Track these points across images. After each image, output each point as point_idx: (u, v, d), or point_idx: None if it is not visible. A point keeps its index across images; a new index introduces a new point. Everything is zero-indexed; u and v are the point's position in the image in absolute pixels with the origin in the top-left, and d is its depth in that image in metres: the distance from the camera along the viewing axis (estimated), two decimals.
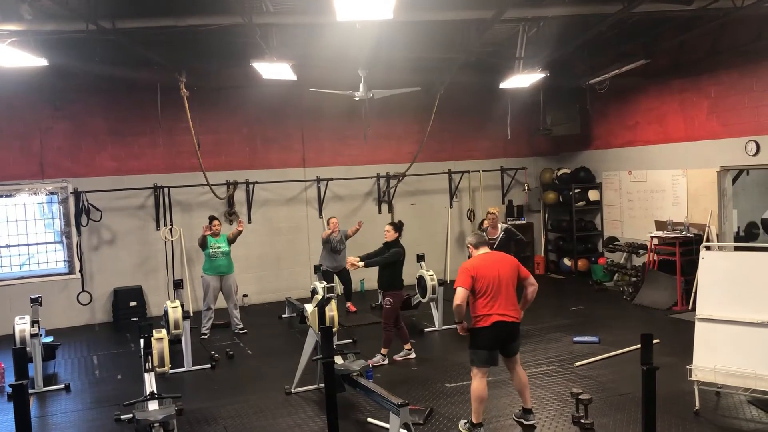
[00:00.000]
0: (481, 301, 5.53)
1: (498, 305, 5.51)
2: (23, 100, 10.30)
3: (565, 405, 6.21)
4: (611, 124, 12.25)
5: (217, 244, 9.35)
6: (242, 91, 11.08)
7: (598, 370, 7.26)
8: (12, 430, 6.11)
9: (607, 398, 6.37)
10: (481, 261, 5.69)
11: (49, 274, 10.70)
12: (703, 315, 6.09)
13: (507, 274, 5.64)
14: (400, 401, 5.11)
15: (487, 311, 5.50)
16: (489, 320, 5.49)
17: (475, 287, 5.55)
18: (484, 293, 5.52)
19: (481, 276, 5.54)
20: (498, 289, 5.54)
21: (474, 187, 13.12)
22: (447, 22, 8.12)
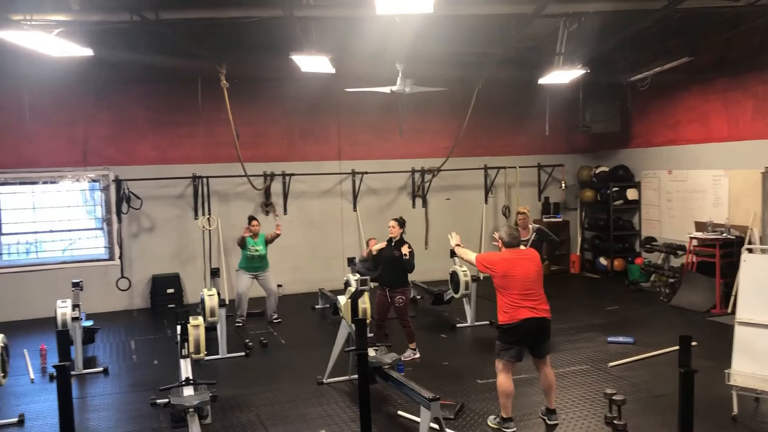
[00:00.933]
0: (511, 296, 5.53)
1: (528, 301, 5.52)
2: (68, 90, 10.54)
3: (598, 405, 6.15)
4: (652, 122, 12.04)
5: (255, 246, 9.48)
6: (280, 84, 11.17)
7: (632, 371, 7.17)
8: (54, 410, 6.30)
9: (641, 400, 6.29)
10: (510, 256, 5.68)
11: (89, 260, 10.96)
12: (744, 319, 5.96)
13: (535, 270, 5.65)
14: (431, 395, 5.12)
15: (516, 307, 5.50)
16: (519, 316, 5.49)
17: (503, 283, 5.56)
18: (514, 289, 5.52)
19: (509, 272, 5.54)
20: (527, 285, 5.55)
21: (510, 184, 13.03)
22: (487, 16, 8.06)
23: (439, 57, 9.84)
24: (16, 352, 8.09)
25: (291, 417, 6.18)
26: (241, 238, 9.51)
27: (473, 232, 12.83)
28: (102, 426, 6.17)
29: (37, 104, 10.39)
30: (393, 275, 7.82)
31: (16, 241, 10.78)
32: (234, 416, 6.21)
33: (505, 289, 5.56)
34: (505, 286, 5.56)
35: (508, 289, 5.55)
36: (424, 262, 12.25)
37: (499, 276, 5.60)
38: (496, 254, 5.84)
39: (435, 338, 8.87)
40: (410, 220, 12.39)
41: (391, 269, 7.83)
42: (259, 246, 9.53)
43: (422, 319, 9.87)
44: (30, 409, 6.54)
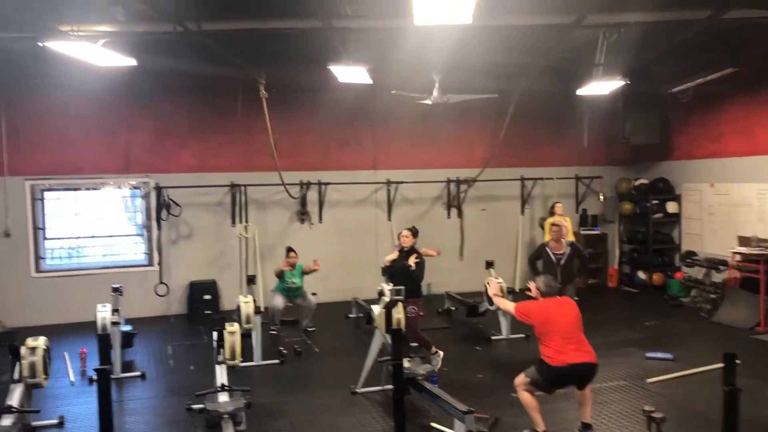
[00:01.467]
0: (554, 343, 5.42)
1: (573, 344, 5.43)
2: (112, 98, 10.78)
3: (636, 422, 6.03)
4: (693, 134, 11.81)
5: (292, 279, 9.51)
6: (318, 94, 11.26)
7: (671, 389, 7.02)
8: (92, 412, 6.43)
9: (681, 418, 6.15)
10: (547, 304, 5.64)
11: (129, 265, 11.16)
12: None
13: (574, 315, 5.60)
14: (465, 408, 5.08)
15: (562, 352, 5.38)
16: (566, 360, 5.37)
17: (543, 330, 5.50)
18: (555, 335, 5.44)
19: (548, 319, 5.50)
20: (569, 330, 5.48)
21: (547, 195, 12.89)
22: (526, 27, 8.02)
23: (476, 67, 9.81)
24: (57, 355, 8.26)
25: (324, 426, 6.19)
26: (280, 270, 9.53)
27: (509, 244, 12.72)
28: (139, 429, 6.27)
29: (81, 112, 10.67)
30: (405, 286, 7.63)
31: (59, 246, 11.04)
32: (267, 423, 6.25)
33: (547, 336, 5.48)
34: (545, 334, 5.48)
35: (549, 336, 5.46)
36: (458, 273, 12.29)
37: (538, 324, 5.55)
38: (534, 303, 5.79)
39: (469, 350, 8.81)
40: (445, 231, 12.47)
41: (403, 280, 7.64)
42: (296, 279, 9.56)
43: (456, 330, 9.81)
44: (69, 411, 6.67)
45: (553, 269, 8.10)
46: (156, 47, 8.36)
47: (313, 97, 11.41)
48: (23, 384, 5.81)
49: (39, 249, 10.72)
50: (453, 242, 12.57)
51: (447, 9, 5.07)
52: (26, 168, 10.52)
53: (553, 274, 7.85)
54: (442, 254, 12.21)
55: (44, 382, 5.91)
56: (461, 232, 12.60)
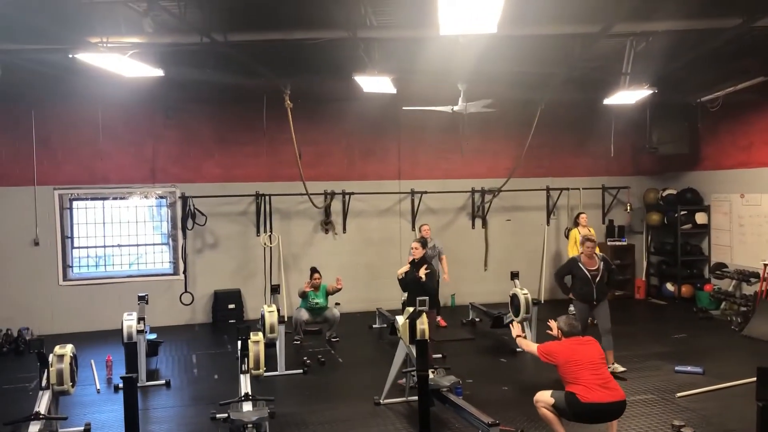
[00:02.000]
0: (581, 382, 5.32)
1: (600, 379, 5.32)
2: (139, 109, 10.94)
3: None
4: (722, 144, 11.63)
5: (316, 300, 9.57)
6: (342, 104, 11.30)
7: (701, 403, 6.86)
8: (117, 420, 6.47)
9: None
10: (569, 344, 5.56)
11: (155, 274, 11.27)
12: None
13: (598, 354, 5.52)
14: (490, 420, 5.03)
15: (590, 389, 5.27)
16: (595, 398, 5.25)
17: (568, 370, 5.41)
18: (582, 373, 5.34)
19: (571, 358, 5.42)
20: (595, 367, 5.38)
21: (573, 205, 12.77)
22: (552, 36, 7.96)
23: (501, 77, 9.76)
24: (84, 363, 8.36)
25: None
26: (302, 291, 9.57)
27: (534, 255, 12.62)
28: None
29: (109, 123, 10.83)
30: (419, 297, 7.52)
31: (86, 254, 11.18)
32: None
33: (572, 375, 5.37)
34: (570, 373, 5.38)
35: (575, 374, 5.35)
36: (483, 284, 12.21)
37: (562, 363, 5.46)
38: (557, 343, 5.71)
39: (494, 362, 8.72)
40: (469, 241, 12.40)
41: (417, 291, 7.51)
42: (320, 299, 9.60)
43: (481, 342, 9.73)
44: (96, 418, 6.71)
45: (588, 286, 7.78)
46: (182, 58, 8.46)
47: (338, 107, 11.45)
48: (51, 391, 5.86)
49: (67, 257, 10.87)
50: (477, 253, 12.50)
51: (472, 19, 5.03)
52: (55, 178, 10.69)
53: (589, 291, 7.75)
54: (466, 265, 12.22)
55: (71, 389, 5.96)
56: (486, 243, 12.53)
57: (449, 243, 11.58)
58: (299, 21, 7.41)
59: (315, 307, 9.61)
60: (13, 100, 10.11)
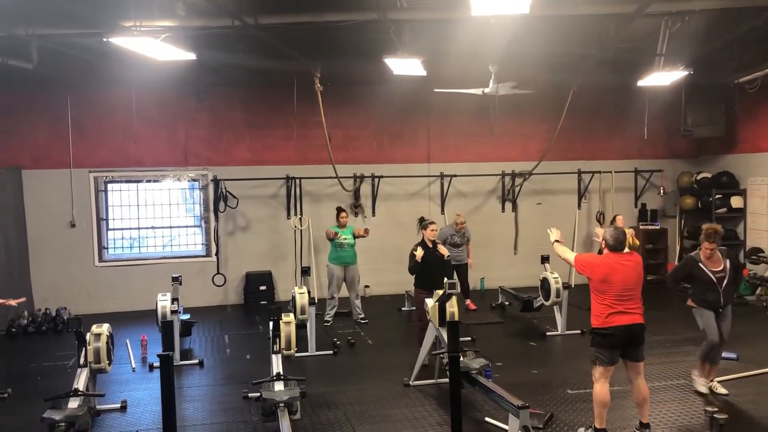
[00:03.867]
0: (606, 300, 5.37)
1: (622, 304, 5.35)
2: (171, 93, 11.05)
3: (697, 422, 5.87)
4: (760, 126, 11.36)
5: (344, 236, 9.65)
6: (372, 87, 11.27)
7: (735, 389, 6.77)
8: (153, 398, 6.62)
9: (745, 420, 5.95)
10: (611, 261, 5.45)
11: (187, 256, 11.45)
12: None
13: (635, 278, 5.46)
14: (520, 403, 5.03)
15: (611, 312, 5.34)
16: (613, 322, 5.34)
17: (600, 287, 5.40)
18: (610, 293, 5.36)
19: (608, 277, 5.36)
20: (625, 291, 5.37)
21: (605, 189, 12.61)
22: (585, 16, 7.84)
23: (533, 59, 9.64)
24: (119, 342, 8.51)
25: (377, 417, 6.21)
26: (331, 233, 9.70)
27: (565, 238, 12.34)
28: (197, 416, 6.41)
29: (142, 107, 10.96)
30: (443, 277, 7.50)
31: (121, 236, 11.39)
32: (322, 413, 6.31)
33: (601, 293, 5.40)
34: (601, 290, 5.40)
35: (604, 293, 5.38)
36: (513, 267, 12.16)
37: (596, 280, 5.42)
38: (598, 257, 5.62)
39: (524, 346, 8.70)
40: (499, 225, 12.35)
41: (442, 271, 7.62)
42: (347, 235, 9.71)
43: (510, 326, 9.71)
44: (132, 396, 6.87)
45: (713, 292, 6.50)
46: (214, 42, 8.51)
47: (368, 90, 11.43)
48: (88, 369, 6.02)
49: (102, 239, 11.09)
50: (507, 236, 12.44)
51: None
52: (90, 160, 10.89)
53: (715, 297, 6.51)
54: (496, 248, 12.18)
55: (108, 367, 6.12)
56: (516, 226, 12.46)
57: (479, 227, 11.55)
58: (329, 3, 7.40)
59: (344, 244, 9.65)
60: (49, 85, 10.27)
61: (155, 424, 6.00)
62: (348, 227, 9.79)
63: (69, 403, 5.62)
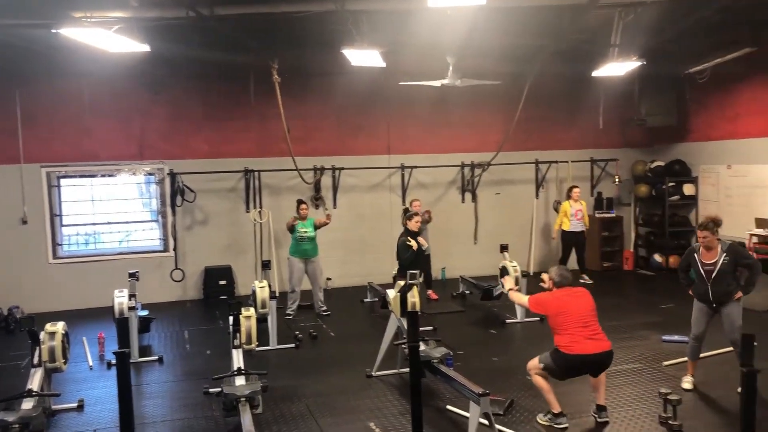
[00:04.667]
0: (569, 332, 5.42)
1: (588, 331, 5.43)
2: (126, 85, 10.82)
3: (652, 405, 6.02)
4: (710, 116, 11.67)
5: (304, 228, 9.60)
6: (331, 78, 11.21)
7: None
8: (111, 396, 6.51)
9: (697, 400, 6.14)
10: (561, 294, 5.61)
11: (145, 251, 11.25)
12: None
13: (590, 305, 5.58)
14: (481, 390, 5.09)
15: (578, 340, 5.39)
16: (582, 350, 5.39)
17: (559, 321, 5.49)
18: (571, 324, 5.43)
19: (562, 309, 5.48)
20: (585, 319, 5.46)
21: (561, 178, 12.82)
22: (540, 8, 7.94)
23: (491, 50, 9.74)
24: (75, 340, 8.37)
25: (340, 409, 6.22)
26: (290, 224, 9.65)
27: (524, 228, 12.68)
28: (156, 413, 6.32)
29: (96, 99, 10.71)
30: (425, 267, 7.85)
31: (76, 232, 11.14)
32: (284, 406, 6.29)
33: (562, 327, 5.47)
34: (561, 324, 5.47)
35: (564, 326, 5.44)
36: (473, 257, 12.29)
37: (552, 314, 5.54)
38: (548, 294, 5.76)
39: (484, 334, 8.81)
40: (460, 215, 12.45)
41: (423, 262, 7.99)
42: (308, 228, 9.66)
43: (471, 314, 9.81)
44: (89, 394, 6.75)
45: (702, 284, 6.37)
46: (169, 33, 8.37)
47: (327, 81, 11.37)
48: (43, 368, 5.89)
49: (56, 235, 10.82)
50: (467, 226, 12.55)
51: None
52: (42, 155, 10.59)
53: (703, 290, 6.37)
54: (456, 238, 12.30)
55: (63, 366, 5.99)
56: (475, 216, 12.58)
57: (440, 217, 11.62)
58: None
59: (305, 237, 9.60)
60: None
61: (113, 422, 5.91)
62: (309, 219, 9.75)
63: (23, 404, 5.49)
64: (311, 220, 9.76)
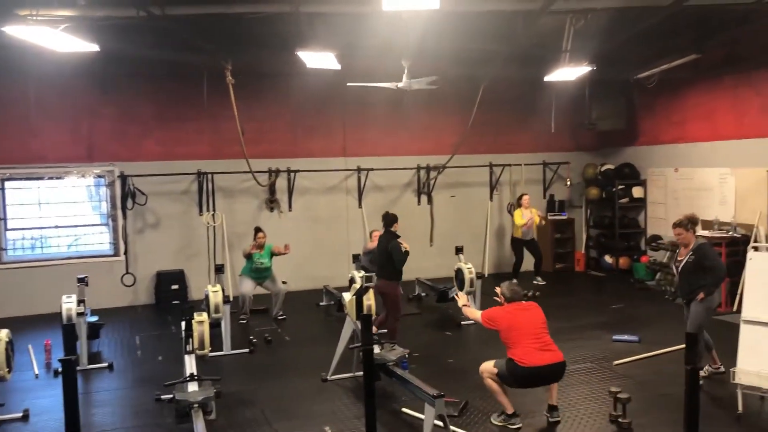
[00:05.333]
0: (522, 346, 5.50)
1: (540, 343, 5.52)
2: (74, 85, 10.55)
3: (603, 403, 6.14)
4: (658, 120, 11.99)
5: (261, 260, 9.51)
6: (286, 80, 11.15)
7: (637, 370, 7.15)
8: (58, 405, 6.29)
9: (646, 398, 6.28)
10: (512, 309, 5.70)
11: (94, 256, 10.98)
12: (749, 317, 5.94)
13: (540, 318, 5.67)
14: (435, 392, 5.11)
15: (531, 353, 5.47)
16: (535, 362, 5.46)
17: (510, 336, 5.57)
18: (523, 338, 5.51)
19: (513, 324, 5.56)
20: (536, 332, 5.56)
21: (515, 181, 13.00)
22: (494, 13, 8.03)
23: (445, 53, 9.81)
24: (21, 348, 8.10)
25: (295, 413, 6.18)
26: (247, 252, 9.53)
27: (478, 230, 12.82)
28: (106, 421, 6.18)
29: (42, 100, 10.42)
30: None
31: (22, 236, 10.80)
32: (238, 412, 6.21)
33: (513, 340, 5.54)
34: (513, 339, 5.54)
35: (517, 340, 5.52)
36: (428, 259, 12.34)
37: (504, 329, 5.61)
38: (500, 309, 5.84)
39: (440, 336, 8.87)
40: (415, 217, 12.49)
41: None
42: (265, 259, 9.55)
43: (427, 316, 9.87)
44: (34, 404, 6.54)
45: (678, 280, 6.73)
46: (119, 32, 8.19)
47: (282, 83, 11.30)
48: None
49: (1, 240, 10.47)
50: (423, 229, 12.61)
51: None
52: None
53: (677, 285, 6.81)
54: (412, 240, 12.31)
55: (7, 375, 5.78)
56: (431, 219, 12.65)
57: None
58: None
59: (260, 268, 9.51)
60: None
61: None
62: (266, 247, 9.62)
63: None
64: (268, 248, 9.63)
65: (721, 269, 6.50)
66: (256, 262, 9.50)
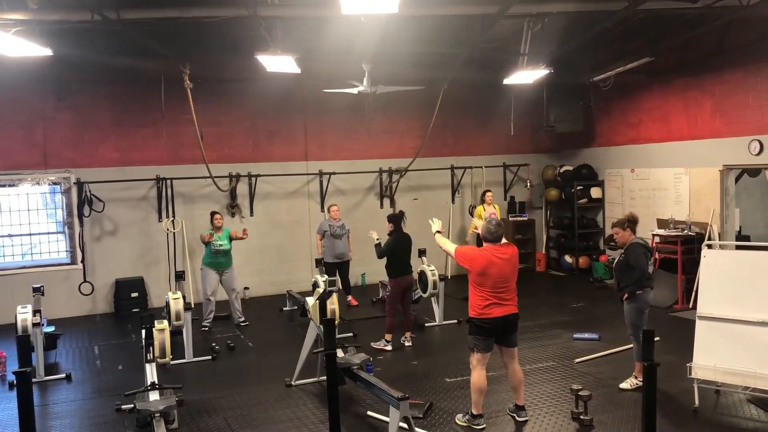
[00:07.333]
0: (483, 293, 5.57)
1: (498, 296, 5.57)
2: (27, 90, 10.30)
3: (565, 401, 6.23)
4: (614, 122, 12.24)
5: (219, 242, 9.39)
6: (246, 84, 11.06)
7: (598, 367, 7.28)
8: (14, 419, 6.14)
9: (606, 395, 6.39)
10: (488, 254, 5.63)
11: (51, 264, 10.72)
12: (704, 313, 6.09)
13: (510, 270, 5.68)
14: (400, 395, 5.12)
15: (488, 303, 5.55)
16: (489, 314, 5.55)
17: (478, 280, 5.59)
18: (487, 286, 5.56)
19: (486, 270, 5.55)
20: (500, 283, 5.58)
21: (476, 183, 13.12)
22: (452, 17, 8.11)
23: (405, 57, 9.87)
24: None
25: (259, 420, 6.12)
26: (205, 239, 9.37)
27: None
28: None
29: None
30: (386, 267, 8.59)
31: None
32: (201, 420, 6.13)
33: (479, 285, 5.60)
34: (479, 283, 5.59)
35: (482, 285, 5.58)
36: None
37: (475, 273, 5.60)
38: (477, 250, 5.77)
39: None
40: (379, 221, 12.46)
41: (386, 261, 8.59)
42: (223, 241, 9.44)
43: None
44: None
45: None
46: (73, 37, 8.05)
47: (241, 87, 11.21)
48: None
49: None
50: (386, 232, 12.59)
51: None
52: None
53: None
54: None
55: None
56: None
57: (359, 223, 11.63)
58: None
59: (219, 251, 9.39)
60: None
61: None
62: (224, 230, 9.54)
63: None
64: (226, 232, 9.55)
65: (640, 270, 6.34)
66: (214, 244, 9.37)
